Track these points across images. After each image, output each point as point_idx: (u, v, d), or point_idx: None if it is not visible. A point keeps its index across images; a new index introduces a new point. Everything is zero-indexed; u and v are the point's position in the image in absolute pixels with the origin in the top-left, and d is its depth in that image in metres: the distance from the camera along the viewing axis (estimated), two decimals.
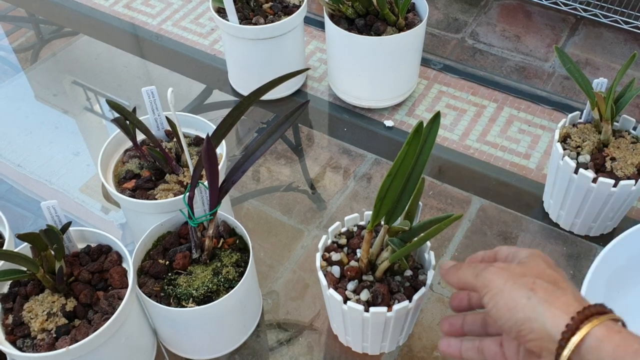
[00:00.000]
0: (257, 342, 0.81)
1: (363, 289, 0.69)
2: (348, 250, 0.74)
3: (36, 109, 1.16)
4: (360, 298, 0.68)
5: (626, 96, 0.83)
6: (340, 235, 0.75)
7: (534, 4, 1.35)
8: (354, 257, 0.73)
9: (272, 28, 1.02)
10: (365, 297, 0.68)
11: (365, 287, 0.69)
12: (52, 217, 0.70)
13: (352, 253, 0.73)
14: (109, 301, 0.68)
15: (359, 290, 0.69)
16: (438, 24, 1.31)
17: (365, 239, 0.67)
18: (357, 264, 0.71)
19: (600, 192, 0.82)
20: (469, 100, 1.14)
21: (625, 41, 1.26)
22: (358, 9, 1.02)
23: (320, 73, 1.21)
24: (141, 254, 0.75)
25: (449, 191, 0.99)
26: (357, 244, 0.73)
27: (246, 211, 0.97)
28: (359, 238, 0.74)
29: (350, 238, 0.75)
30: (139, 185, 0.81)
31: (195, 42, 1.28)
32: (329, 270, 0.71)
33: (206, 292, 0.70)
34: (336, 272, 0.71)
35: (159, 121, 0.86)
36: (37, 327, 0.66)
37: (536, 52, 1.24)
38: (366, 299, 0.68)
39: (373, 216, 0.63)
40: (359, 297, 0.68)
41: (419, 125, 0.56)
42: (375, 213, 0.62)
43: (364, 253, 0.68)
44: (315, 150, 1.07)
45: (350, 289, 0.69)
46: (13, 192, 1.02)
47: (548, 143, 1.06)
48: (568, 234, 0.93)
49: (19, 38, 1.32)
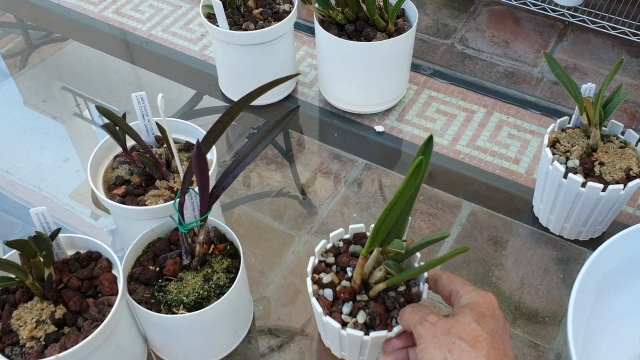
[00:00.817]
0: (248, 349, 0.81)
1: (359, 311, 0.67)
2: (337, 268, 0.72)
3: (25, 115, 1.15)
4: (358, 321, 0.67)
5: (614, 101, 0.84)
6: (327, 254, 0.73)
7: (523, 10, 1.36)
8: (345, 277, 0.70)
9: (262, 34, 1.02)
10: (362, 319, 0.66)
11: (361, 308, 0.67)
12: (42, 223, 0.69)
13: (342, 271, 0.71)
14: (99, 308, 0.68)
15: (355, 312, 0.67)
16: (428, 30, 1.32)
17: (359, 264, 0.65)
18: (349, 283, 0.69)
19: (589, 196, 0.83)
20: (459, 105, 1.15)
21: (613, 47, 1.27)
22: (348, 15, 1.03)
23: (311, 79, 1.21)
24: (131, 260, 0.74)
25: (440, 196, 0.99)
26: (347, 261, 0.71)
27: (237, 217, 0.97)
28: (347, 256, 0.72)
29: (337, 255, 0.73)
30: (129, 192, 0.80)
31: (186, 48, 1.28)
32: (322, 294, 0.69)
33: (197, 298, 0.70)
34: (329, 296, 0.68)
35: (149, 127, 0.86)
36: (26, 335, 0.66)
37: (525, 58, 1.25)
38: (364, 321, 0.66)
39: (369, 244, 0.62)
40: (357, 320, 0.67)
41: (420, 162, 0.55)
42: (370, 242, 0.61)
43: (357, 276, 0.67)
44: (306, 155, 1.07)
45: (346, 312, 0.67)
46: (2, 199, 1.02)
47: (537, 148, 1.07)
48: (558, 239, 0.93)
49: (8, 44, 1.31)
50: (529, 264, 0.90)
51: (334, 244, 0.74)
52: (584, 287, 0.69)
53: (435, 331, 0.55)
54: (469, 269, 0.89)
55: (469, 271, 0.89)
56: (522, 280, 0.88)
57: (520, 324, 0.83)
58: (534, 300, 0.86)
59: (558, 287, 0.87)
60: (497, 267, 0.90)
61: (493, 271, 0.89)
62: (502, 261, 0.91)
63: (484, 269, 0.90)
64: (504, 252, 0.92)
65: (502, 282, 0.88)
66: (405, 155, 1.06)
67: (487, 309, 0.56)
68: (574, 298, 0.67)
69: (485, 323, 0.54)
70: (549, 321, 0.84)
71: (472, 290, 0.58)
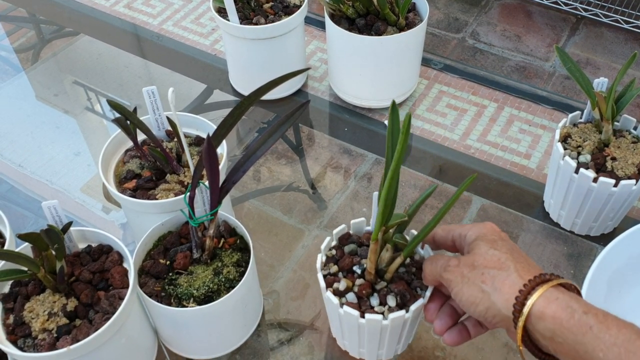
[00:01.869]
0: (257, 342, 0.82)
1: (386, 297, 0.68)
2: (344, 273, 0.71)
3: (37, 109, 1.16)
4: (390, 306, 0.67)
5: (627, 96, 0.83)
6: (328, 266, 0.72)
7: (535, 4, 1.35)
8: (355, 276, 0.70)
9: (272, 28, 1.02)
10: (393, 302, 0.67)
11: (386, 294, 0.68)
12: (53, 217, 0.70)
13: (349, 273, 0.71)
14: (110, 301, 0.68)
15: (383, 301, 0.68)
16: (438, 24, 1.31)
17: (372, 250, 0.65)
18: (363, 279, 0.69)
19: (600, 191, 0.82)
20: (469, 100, 1.14)
21: (626, 41, 1.26)
22: (358, 9, 1.02)
23: (321, 73, 1.21)
24: (142, 253, 0.75)
25: (450, 191, 0.99)
26: (350, 262, 0.71)
27: (247, 211, 0.97)
28: (347, 257, 0.71)
29: (336, 262, 0.72)
30: (140, 185, 0.81)
31: (196, 42, 1.28)
32: (349, 301, 0.68)
33: (207, 292, 0.70)
34: (353, 299, 0.68)
35: (159, 121, 0.86)
36: (38, 327, 0.66)
37: (537, 52, 1.24)
38: (395, 304, 0.67)
39: (378, 223, 0.62)
40: (389, 306, 0.67)
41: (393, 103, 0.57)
42: (379, 220, 0.62)
43: (371, 264, 0.67)
44: (315, 150, 1.07)
45: (376, 304, 0.68)
46: (14, 192, 1.02)
47: (548, 143, 1.06)
48: (569, 234, 0.93)
49: (20, 38, 1.32)
50: (539, 260, 0.90)
51: (326, 254, 0.73)
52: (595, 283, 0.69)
53: (461, 271, 0.57)
54: None
55: None
56: None
57: None
58: None
59: None
60: None
61: None
62: None
63: None
64: None
65: None
66: (415, 150, 1.05)
67: (493, 234, 0.59)
68: (585, 294, 0.66)
69: (499, 246, 0.57)
70: None
71: (472, 226, 0.61)
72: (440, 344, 0.80)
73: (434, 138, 1.07)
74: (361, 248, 0.73)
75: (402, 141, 0.57)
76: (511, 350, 0.80)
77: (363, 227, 0.75)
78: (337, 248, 0.73)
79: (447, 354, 0.80)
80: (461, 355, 0.79)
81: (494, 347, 0.80)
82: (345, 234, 0.75)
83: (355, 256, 0.72)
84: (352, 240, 0.74)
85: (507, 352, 0.80)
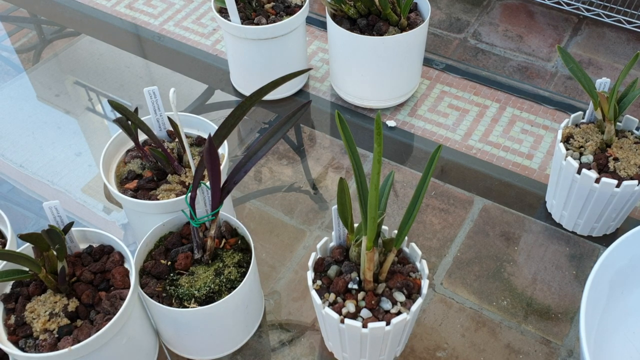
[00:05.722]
0: (259, 343, 0.81)
1: (394, 294, 0.69)
2: (342, 297, 0.70)
3: (38, 109, 1.16)
4: (400, 301, 0.69)
5: (629, 96, 0.83)
6: (325, 297, 0.71)
7: (537, 4, 1.34)
8: (354, 293, 0.70)
9: (274, 28, 1.02)
10: (401, 297, 0.68)
11: (390, 294, 0.69)
12: (54, 217, 0.70)
13: (347, 293, 0.70)
14: (111, 301, 0.68)
15: (392, 300, 0.69)
16: (440, 24, 1.31)
17: (369, 259, 0.66)
18: (364, 292, 0.69)
19: (603, 192, 0.82)
20: (471, 100, 1.14)
21: (628, 41, 1.25)
22: (360, 9, 1.02)
23: (322, 73, 1.21)
24: (143, 254, 0.75)
25: (452, 191, 0.99)
26: (343, 283, 0.70)
27: (248, 211, 0.97)
28: (338, 279, 0.70)
29: (328, 286, 0.71)
30: (141, 186, 0.81)
31: (197, 43, 1.28)
32: (363, 316, 0.68)
33: (208, 292, 0.70)
34: (367, 314, 0.68)
35: (160, 121, 0.86)
36: (40, 328, 0.66)
37: (539, 52, 1.24)
38: (403, 299, 0.68)
39: (370, 232, 0.63)
40: (399, 301, 0.69)
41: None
42: (371, 226, 0.62)
43: (369, 273, 0.67)
44: (317, 150, 1.06)
45: (388, 307, 0.68)
46: (15, 193, 1.02)
47: (551, 143, 1.06)
48: (571, 235, 0.93)
49: (21, 38, 1.32)
50: (541, 260, 0.90)
51: (315, 289, 0.71)
52: (597, 283, 0.68)
53: None
54: (481, 264, 0.89)
55: (480, 267, 0.89)
56: (534, 276, 0.88)
57: (532, 320, 0.83)
58: (546, 297, 0.85)
59: (570, 283, 0.87)
60: (509, 263, 0.89)
61: (505, 267, 0.89)
62: (514, 257, 0.90)
63: (496, 265, 0.89)
64: (515, 247, 0.91)
65: (514, 278, 0.88)
66: (417, 150, 1.05)
67: None
68: (587, 294, 0.66)
69: None
70: (561, 317, 0.83)
71: None
72: (442, 344, 0.80)
73: (435, 138, 1.07)
74: (341, 265, 0.72)
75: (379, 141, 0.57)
76: (512, 351, 0.80)
77: (328, 245, 0.75)
78: (320, 278, 0.72)
79: (449, 354, 0.80)
80: (462, 355, 0.79)
81: (495, 348, 0.80)
82: (318, 260, 0.74)
83: (342, 275, 0.71)
84: (329, 262, 0.73)
85: (509, 354, 0.79)
